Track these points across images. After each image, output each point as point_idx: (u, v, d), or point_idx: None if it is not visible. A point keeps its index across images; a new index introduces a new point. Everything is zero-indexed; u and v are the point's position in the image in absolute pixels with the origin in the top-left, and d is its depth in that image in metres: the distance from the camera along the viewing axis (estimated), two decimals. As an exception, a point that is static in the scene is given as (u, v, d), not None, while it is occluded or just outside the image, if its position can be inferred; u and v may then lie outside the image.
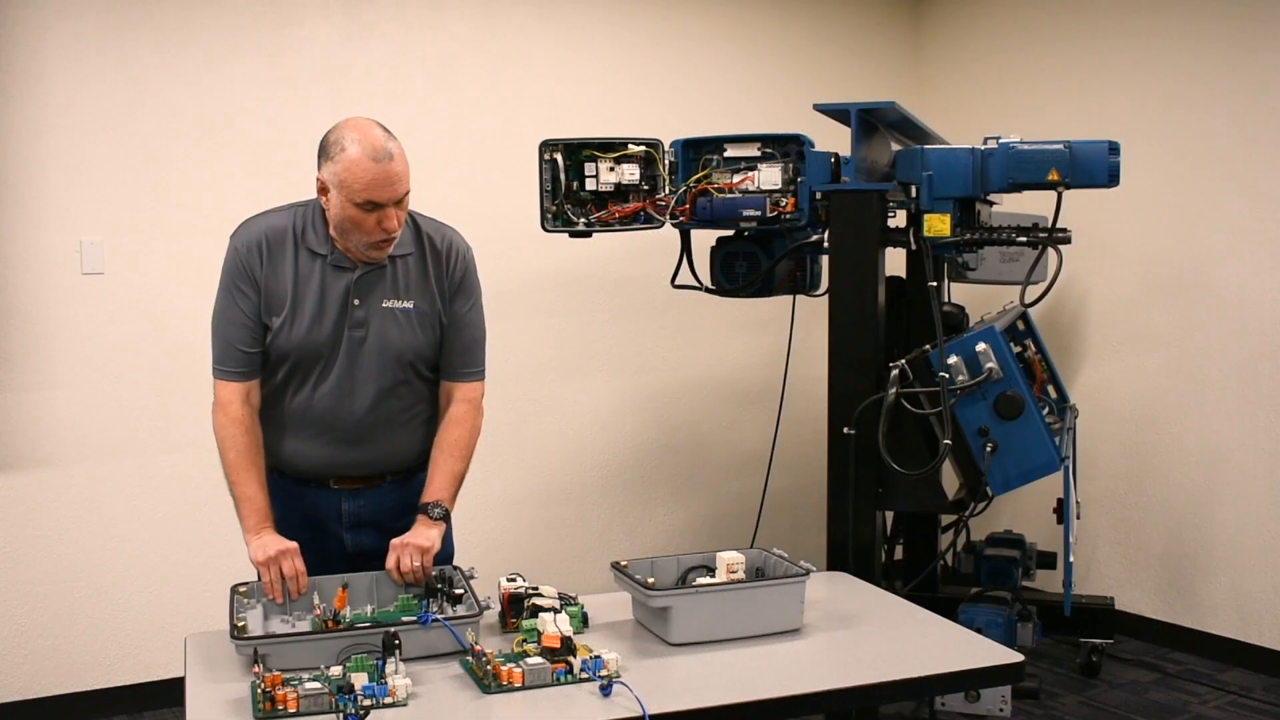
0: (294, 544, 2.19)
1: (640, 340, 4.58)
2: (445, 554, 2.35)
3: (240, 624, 1.96)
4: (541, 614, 2.03)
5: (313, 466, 2.36)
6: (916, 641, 2.12)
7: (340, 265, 2.29)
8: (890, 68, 5.13)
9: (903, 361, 3.03)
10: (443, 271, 2.37)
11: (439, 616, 1.98)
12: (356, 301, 2.29)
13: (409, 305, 2.33)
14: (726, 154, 3.25)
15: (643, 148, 3.28)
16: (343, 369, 2.30)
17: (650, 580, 2.10)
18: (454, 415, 2.38)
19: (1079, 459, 4.15)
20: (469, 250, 2.43)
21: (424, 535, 2.23)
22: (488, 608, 2.09)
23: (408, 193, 2.23)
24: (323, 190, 2.24)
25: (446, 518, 2.29)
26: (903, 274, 3.62)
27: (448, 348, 2.40)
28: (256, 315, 2.29)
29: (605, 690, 1.82)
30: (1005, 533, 4.14)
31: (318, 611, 2.07)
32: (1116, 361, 4.41)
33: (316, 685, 1.78)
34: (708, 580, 2.20)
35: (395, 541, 2.23)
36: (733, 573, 2.20)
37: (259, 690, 1.76)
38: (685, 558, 2.31)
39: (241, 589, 2.08)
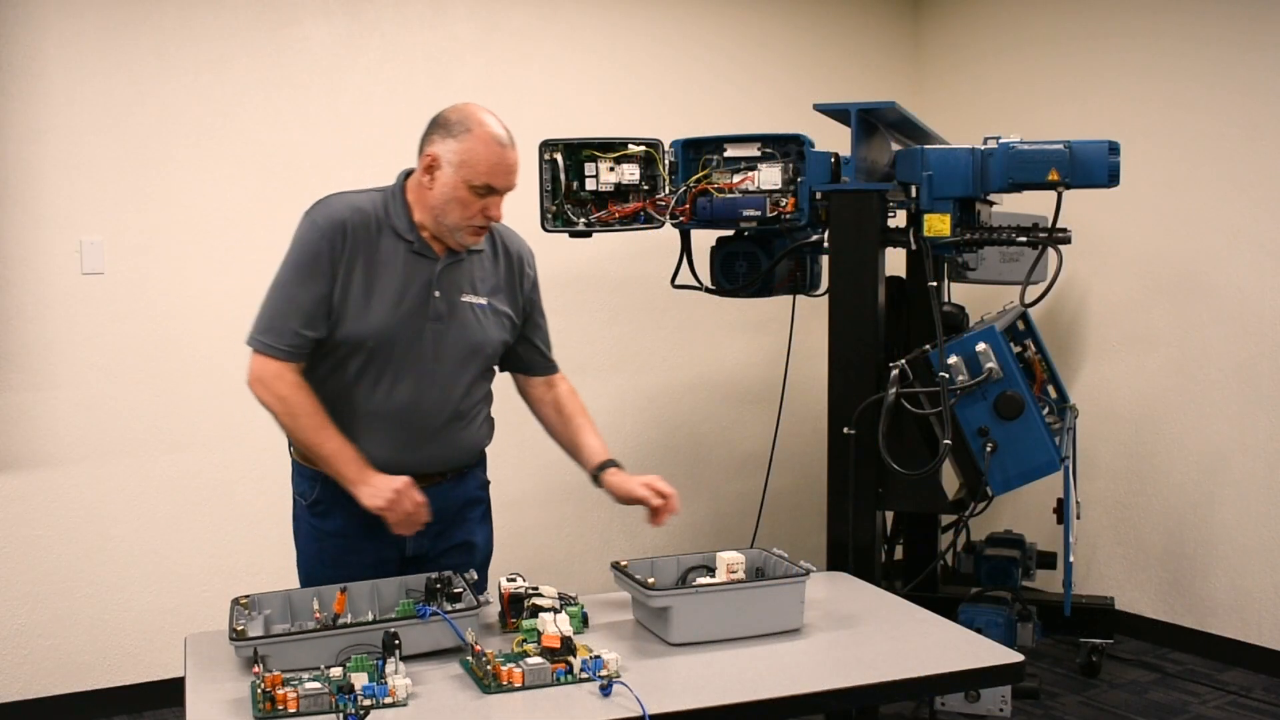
0: (403, 478, 2.17)
1: (640, 340, 4.58)
2: (487, 552, 2.45)
3: (239, 628, 1.96)
4: (541, 614, 2.03)
5: (379, 467, 2.24)
6: (916, 641, 2.12)
7: (423, 254, 2.25)
8: (890, 68, 5.13)
9: (903, 361, 3.03)
10: (516, 272, 2.40)
11: (437, 609, 1.98)
12: (438, 293, 2.25)
13: (484, 301, 2.32)
14: (726, 154, 3.25)
15: (643, 148, 3.28)
16: (426, 362, 2.25)
17: (650, 580, 2.10)
18: (566, 389, 2.53)
19: (1079, 459, 4.15)
20: (533, 253, 2.48)
21: (659, 483, 2.35)
22: (487, 603, 2.09)
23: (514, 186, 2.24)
24: (431, 167, 2.20)
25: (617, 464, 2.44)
26: (903, 274, 3.62)
27: (535, 346, 2.47)
28: (324, 299, 2.19)
29: (605, 690, 1.82)
30: (1005, 533, 4.14)
31: (317, 616, 2.06)
32: (1116, 361, 4.41)
33: (316, 685, 1.77)
34: (708, 580, 2.20)
35: (646, 492, 2.33)
36: (733, 573, 2.20)
37: (259, 690, 1.76)
38: (685, 558, 2.31)
39: (243, 600, 2.07)
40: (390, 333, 2.22)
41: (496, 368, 2.46)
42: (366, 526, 2.27)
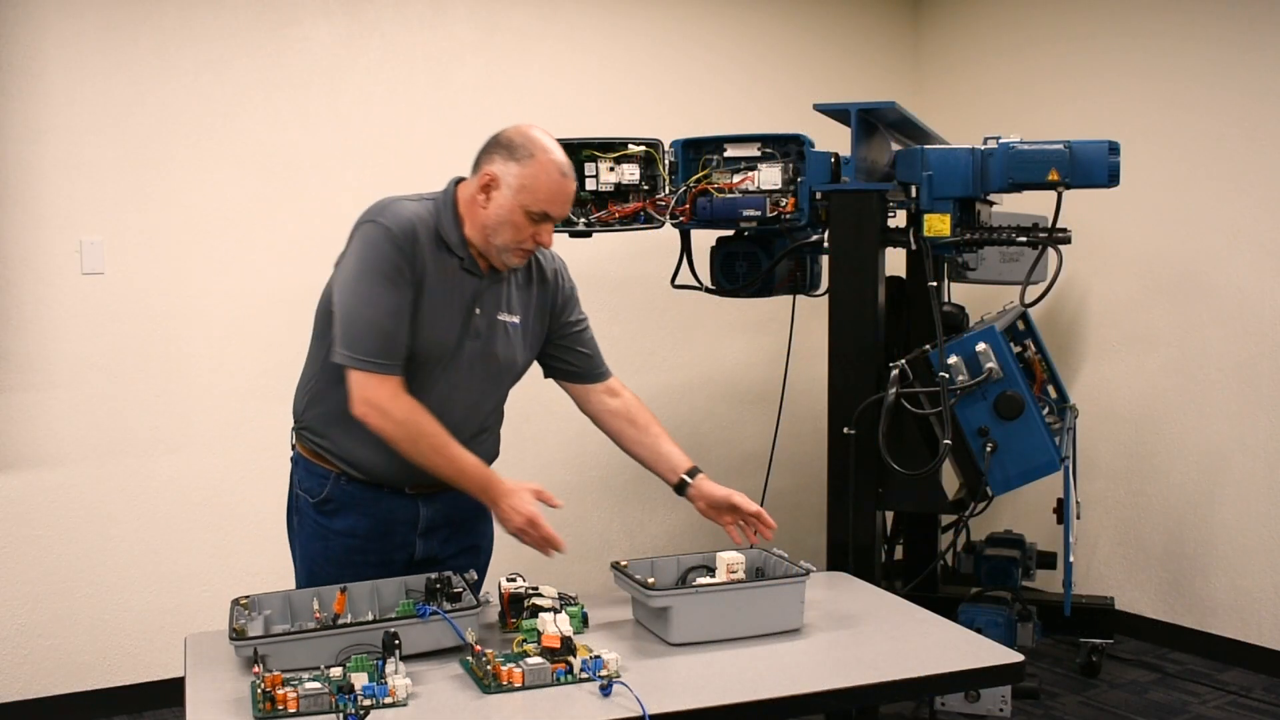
0: (535, 502, 2.20)
1: (640, 340, 4.58)
2: (489, 554, 2.46)
3: (239, 627, 1.96)
4: (541, 614, 2.03)
5: (395, 474, 2.23)
6: (916, 641, 2.12)
7: (471, 270, 2.23)
8: (890, 68, 5.13)
9: (903, 361, 3.02)
10: (550, 287, 2.39)
11: (437, 609, 1.98)
12: (478, 310, 2.24)
13: (515, 320, 2.31)
14: (726, 154, 3.25)
15: (643, 148, 3.28)
16: (460, 377, 2.23)
17: (650, 580, 2.10)
18: (631, 399, 2.55)
19: (1079, 459, 4.15)
20: (564, 261, 2.46)
21: (738, 497, 2.42)
22: (487, 602, 2.09)
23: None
24: (489, 186, 2.17)
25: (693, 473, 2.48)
26: (903, 274, 3.62)
27: (584, 354, 2.47)
28: (410, 307, 2.13)
29: (605, 690, 1.82)
30: (1005, 533, 4.14)
31: (317, 616, 2.06)
32: (1116, 361, 4.41)
33: (316, 685, 1.77)
34: (708, 580, 2.20)
35: (734, 514, 2.40)
36: (733, 573, 2.19)
37: (259, 690, 1.76)
38: (685, 558, 2.30)
39: (243, 600, 2.07)
40: (437, 348, 2.20)
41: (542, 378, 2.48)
42: (376, 528, 2.27)
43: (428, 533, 2.32)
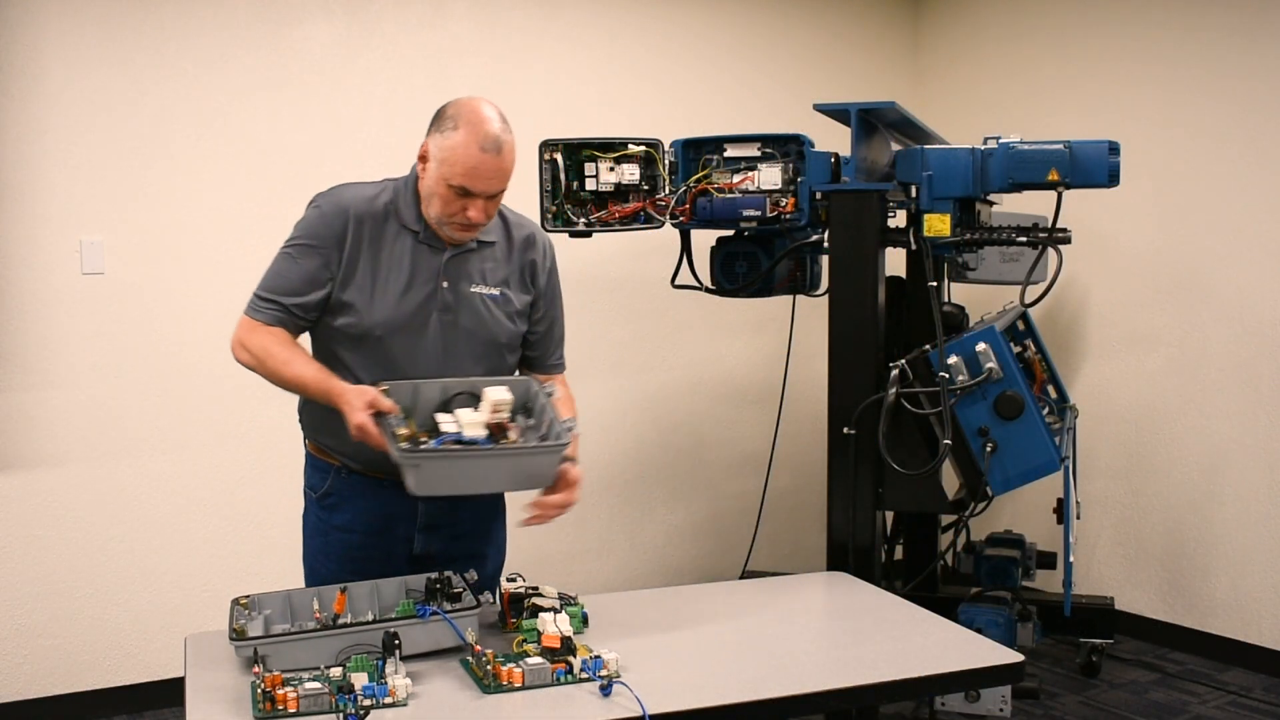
0: (368, 391, 2.08)
1: (640, 340, 4.58)
2: (497, 565, 2.42)
3: (239, 627, 1.96)
4: (541, 614, 2.03)
5: (390, 462, 2.17)
6: (916, 641, 2.12)
7: (431, 244, 2.24)
8: (889, 67, 5.13)
9: (903, 361, 3.03)
10: (532, 264, 2.36)
11: (437, 609, 1.98)
12: (446, 284, 2.24)
13: (496, 292, 2.29)
14: (726, 154, 3.25)
15: (643, 148, 3.28)
16: (434, 354, 2.24)
17: (402, 431, 2.02)
18: (561, 395, 2.35)
19: (1079, 459, 4.15)
20: (552, 245, 2.43)
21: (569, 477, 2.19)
22: (488, 602, 2.09)
23: (504, 189, 2.20)
24: (423, 158, 2.19)
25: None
26: (903, 274, 3.62)
27: (540, 341, 2.41)
28: (313, 278, 2.20)
29: (605, 690, 1.82)
30: (1005, 533, 4.14)
31: (317, 616, 2.06)
32: (1116, 361, 4.41)
33: (316, 685, 1.77)
34: (469, 417, 2.09)
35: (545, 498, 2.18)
36: (497, 412, 2.12)
37: (259, 690, 1.76)
38: (451, 383, 2.20)
39: (243, 600, 2.07)
40: (396, 323, 2.21)
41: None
42: (376, 523, 2.27)
43: (428, 529, 2.31)
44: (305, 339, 2.29)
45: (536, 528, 2.17)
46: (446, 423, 2.10)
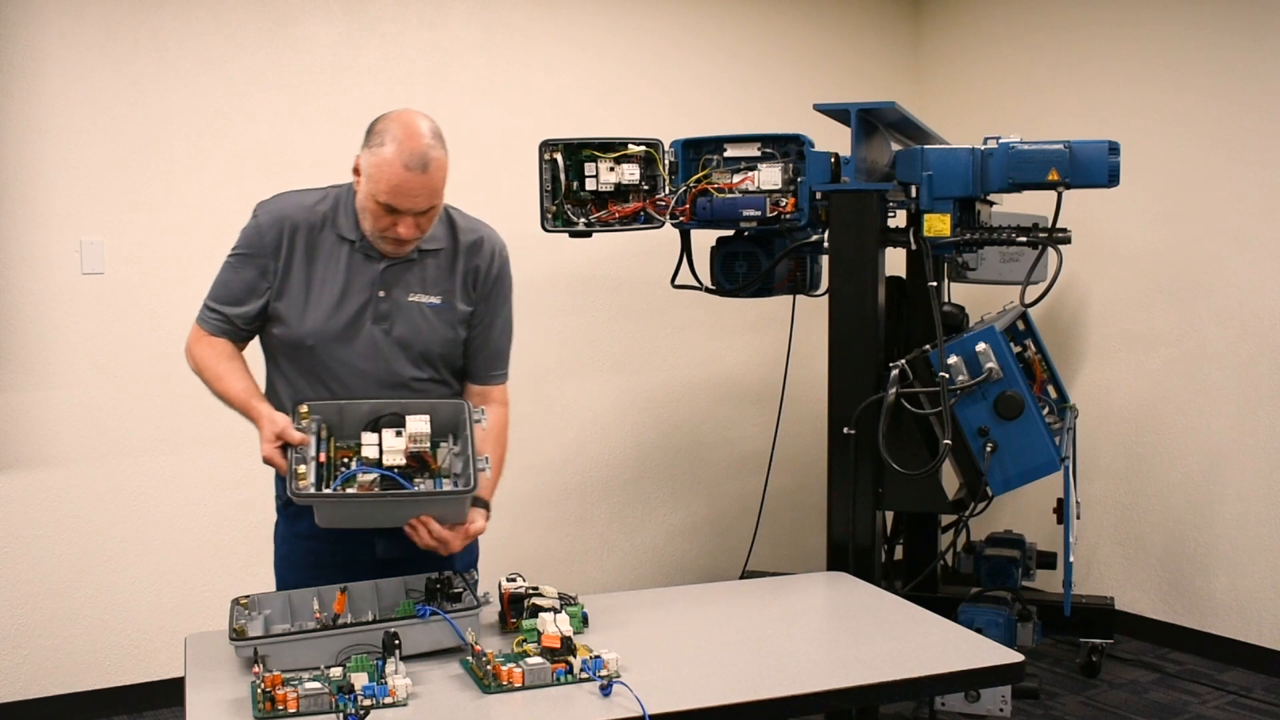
0: (279, 421, 2.09)
1: (640, 340, 4.58)
2: (470, 558, 2.35)
3: (239, 626, 1.96)
4: (541, 614, 2.03)
5: None
6: (916, 641, 2.12)
7: (369, 254, 2.22)
8: (890, 67, 5.13)
9: (903, 361, 3.02)
10: (476, 270, 2.30)
11: (437, 609, 1.98)
12: (382, 293, 2.23)
13: (436, 300, 2.26)
14: (726, 154, 3.25)
15: (643, 148, 3.28)
16: (368, 362, 2.22)
17: (300, 469, 2.04)
18: (493, 419, 2.29)
19: (1079, 459, 4.15)
20: (504, 249, 2.36)
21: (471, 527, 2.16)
22: (487, 602, 2.09)
23: (435, 206, 2.16)
24: (356, 171, 2.19)
25: (485, 507, 2.21)
26: (903, 274, 3.62)
27: (477, 350, 2.35)
28: (250, 288, 2.24)
29: (605, 690, 1.82)
30: (1005, 533, 4.14)
31: (317, 616, 2.06)
32: (1116, 361, 4.41)
33: (316, 685, 1.77)
34: (388, 448, 2.08)
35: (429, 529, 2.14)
36: (415, 442, 2.09)
37: (259, 690, 1.76)
38: (381, 404, 2.17)
39: (243, 600, 2.07)
40: (328, 333, 2.21)
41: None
42: (336, 530, 2.23)
43: (388, 533, 2.24)
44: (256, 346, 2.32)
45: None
46: (369, 445, 2.10)
